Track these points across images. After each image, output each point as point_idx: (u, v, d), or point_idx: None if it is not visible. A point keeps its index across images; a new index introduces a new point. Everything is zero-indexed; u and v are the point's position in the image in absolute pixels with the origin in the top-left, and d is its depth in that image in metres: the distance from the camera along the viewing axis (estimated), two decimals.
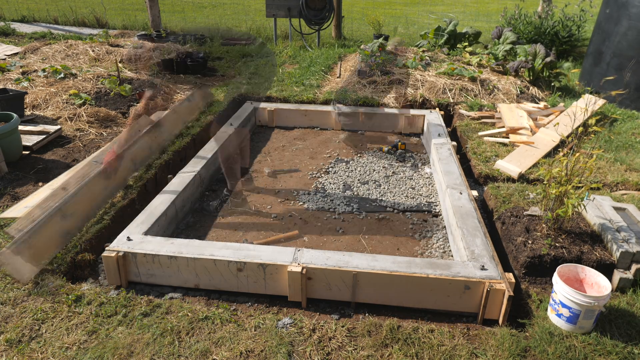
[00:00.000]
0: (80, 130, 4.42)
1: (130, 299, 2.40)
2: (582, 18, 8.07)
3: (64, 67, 5.61)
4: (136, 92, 5.16)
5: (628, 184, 3.56)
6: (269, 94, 5.52)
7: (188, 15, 11.59)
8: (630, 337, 2.18)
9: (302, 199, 3.56)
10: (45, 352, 2.06)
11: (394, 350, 2.11)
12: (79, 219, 2.90)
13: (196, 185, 3.48)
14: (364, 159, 4.28)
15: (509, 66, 6.06)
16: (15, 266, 2.42)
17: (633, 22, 5.14)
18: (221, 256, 2.46)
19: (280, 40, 8.69)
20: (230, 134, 4.23)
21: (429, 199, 3.62)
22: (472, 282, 2.31)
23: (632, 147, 4.20)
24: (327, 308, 2.45)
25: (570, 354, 2.09)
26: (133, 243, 2.56)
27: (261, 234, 3.13)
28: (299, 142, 4.68)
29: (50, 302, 2.34)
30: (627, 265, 2.51)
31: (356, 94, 5.49)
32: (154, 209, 2.95)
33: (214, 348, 2.10)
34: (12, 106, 4.30)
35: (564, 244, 2.62)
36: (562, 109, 4.90)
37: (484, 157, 3.97)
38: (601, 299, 2.14)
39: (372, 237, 3.12)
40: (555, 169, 2.65)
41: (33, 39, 8.51)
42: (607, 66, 5.50)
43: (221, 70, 6.86)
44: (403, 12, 13.54)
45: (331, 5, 8.22)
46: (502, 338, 2.17)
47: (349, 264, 2.40)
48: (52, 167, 3.74)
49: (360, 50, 6.70)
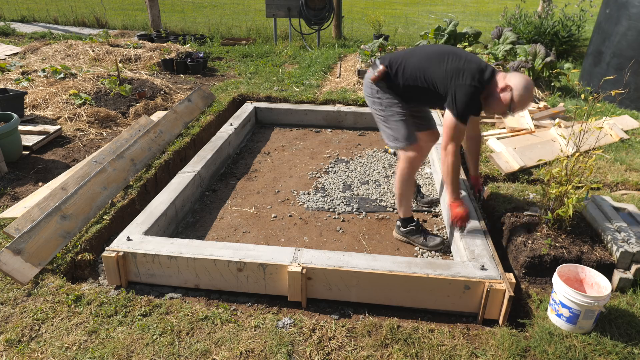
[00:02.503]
0: (80, 130, 4.42)
1: (130, 299, 2.40)
2: (582, 18, 8.07)
3: (64, 67, 5.61)
4: (136, 92, 5.16)
5: (628, 184, 3.56)
6: (269, 93, 5.52)
7: (188, 15, 11.59)
8: (630, 337, 2.18)
9: (302, 199, 3.56)
10: (45, 352, 2.06)
11: (394, 350, 2.11)
12: (78, 219, 2.90)
13: (196, 185, 3.49)
14: (364, 159, 4.28)
15: (509, 66, 6.05)
16: (15, 266, 2.42)
17: (633, 22, 5.14)
18: (221, 256, 2.46)
19: (280, 40, 8.69)
20: (230, 133, 4.23)
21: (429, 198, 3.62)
22: (472, 282, 2.31)
23: (632, 147, 4.20)
24: (327, 308, 2.45)
25: (570, 354, 2.09)
26: (133, 243, 2.56)
27: (261, 233, 3.14)
28: (299, 142, 4.68)
29: (50, 302, 2.34)
30: (627, 265, 2.51)
31: (356, 94, 5.49)
32: (154, 209, 2.95)
33: (214, 348, 2.10)
34: (12, 106, 4.30)
35: (564, 244, 2.62)
36: (562, 109, 4.90)
37: (484, 157, 3.97)
38: (601, 299, 2.14)
39: (372, 237, 3.12)
40: (555, 169, 2.65)
41: (33, 39, 8.51)
42: (607, 66, 5.50)
43: (221, 70, 6.86)
44: (403, 12, 13.54)
45: (331, 5, 8.22)
46: (502, 338, 2.17)
47: (349, 264, 2.40)
48: (52, 167, 3.74)
49: (360, 50, 6.70)
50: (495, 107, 2.58)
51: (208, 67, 6.94)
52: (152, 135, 3.96)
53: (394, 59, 2.78)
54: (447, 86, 2.58)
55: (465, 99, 2.51)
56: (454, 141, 2.57)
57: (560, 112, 4.86)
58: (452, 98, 2.54)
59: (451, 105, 2.55)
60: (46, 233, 2.64)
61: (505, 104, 2.52)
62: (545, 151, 3.97)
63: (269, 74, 6.49)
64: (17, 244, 2.49)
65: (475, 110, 2.62)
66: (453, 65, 2.57)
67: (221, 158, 4.03)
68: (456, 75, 2.54)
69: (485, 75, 2.54)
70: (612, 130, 4.38)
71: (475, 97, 2.54)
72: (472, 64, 2.56)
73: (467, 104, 2.52)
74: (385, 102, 2.82)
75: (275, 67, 6.87)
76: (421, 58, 2.71)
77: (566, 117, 4.86)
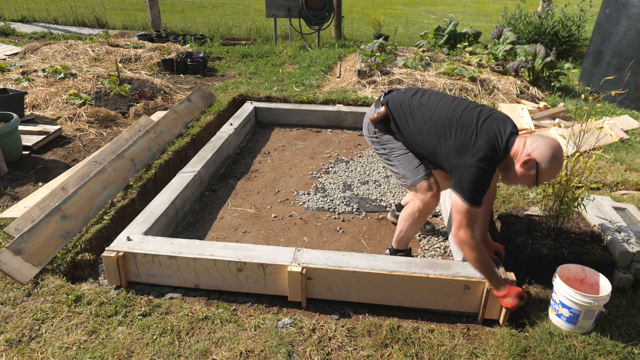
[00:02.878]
0: (80, 130, 4.42)
1: (130, 299, 2.40)
2: (582, 18, 8.07)
3: (64, 67, 5.61)
4: (136, 92, 5.16)
5: (628, 184, 3.56)
6: (269, 93, 5.52)
7: (188, 15, 11.59)
8: (630, 337, 2.18)
9: (302, 199, 3.56)
10: (45, 352, 2.06)
11: (394, 350, 2.11)
12: (78, 219, 2.90)
13: (196, 185, 3.49)
14: (364, 159, 4.28)
15: (508, 66, 6.06)
16: (15, 266, 2.42)
17: (633, 22, 5.14)
18: (221, 256, 2.45)
19: (280, 40, 8.69)
20: (230, 134, 4.23)
21: None
22: (472, 282, 2.31)
23: (632, 147, 4.20)
24: (327, 308, 2.45)
25: (570, 354, 2.09)
26: (133, 243, 2.56)
27: (261, 233, 3.13)
28: (299, 142, 4.68)
29: (50, 302, 2.34)
30: (627, 265, 2.51)
31: (356, 94, 5.49)
32: (154, 209, 2.95)
33: (214, 348, 2.10)
34: (12, 106, 4.30)
35: (564, 244, 2.62)
36: (562, 109, 4.91)
37: None
38: (601, 299, 2.14)
39: (372, 237, 3.12)
40: None
41: (33, 39, 8.51)
42: (607, 66, 5.51)
43: (221, 70, 6.86)
44: (403, 12, 13.54)
45: (331, 5, 8.22)
46: (502, 338, 2.17)
47: (349, 264, 2.40)
48: (52, 167, 3.74)
49: (360, 50, 6.70)
50: (518, 181, 2.19)
51: (208, 67, 6.94)
52: (152, 135, 3.96)
53: (396, 108, 2.48)
54: (450, 163, 2.24)
55: (474, 181, 2.12)
56: (469, 228, 2.15)
57: (560, 112, 4.86)
58: (457, 180, 2.17)
59: (458, 188, 2.16)
60: (46, 233, 2.64)
61: (529, 180, 2.13)
62: None
63: (269, 74, 6.49)
64: (17, 244, 2.49)
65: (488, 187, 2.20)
66: (458, 141, 2.19)
67: (221, 158, 4.03)
68: (460, 153, 2.17)
69: (499, 152, 2.14)
70: (612, 130, 4.38)
71: (485, 179, 2.13)
72: (482, 139, 2.14)
73: (477, 187, 2.12)
74: (384, 139, 2.58)
75: (275, 67, 6.87)
76: (426, 121, 2.36)
77: (566, 117, 4.86)
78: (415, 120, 2.42)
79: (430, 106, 2.39)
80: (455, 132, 2.23)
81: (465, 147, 2.17)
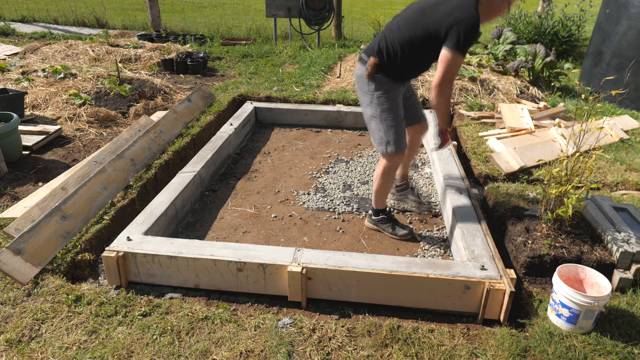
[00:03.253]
0: (80, 130, 4.42)
1: (130, 299, 2.40)
2: (582, 18, 8.07)
3: (64, 67, 5.62)
4: (136, 92, 5.16)
5: (628, 184, 3.56)
6: (269, 93, 5.52)
7: (188, 15, 11.59)
8: (630, 337, 2.18)
9: (302, 199, 3.56)
10: (45, 352, 2.06)
11: (394, 350, 2.11)
12: (78, 219, 2.89)
13: (196, 185, 3.49)
14: (364, 159, 4.28)
15: (508, 66, 6.06)
16: (15, 266, 2.42)
17: (633, 22, 5.14)
18: (221, 256, 2.45)
19: (280, 40, 8.69)
20: (230, 133, 4.23)
21: (429, 198, 3.63)
22: (472, 282, 2.31)
23: (632, 147, 4.20)
24: (327, 308, 2.45)
25: (570, 354, 2.09)
26: (133, 243, 2.56)
27: (261, 233, 3.14)
28: (299, 142, 4.68)
29: (50, 302, 2.34)
30: (627, 265, 2.51)
31: (356, 94, 5.49)
32: (154, 209, 2.95)
33: (214, 348, 2.10)
34: (12, 106, 4.30)
35: (564, 244, 2.62)
36: (562, 109, 4.90)
37: (484, 157, 3.97)
38: (601, 299, 2.14)
39: (372, 237, 3.12)
40: (556, 169, 2.65)
41: (33, 39, 8.51)
42: (607, 66, 5.50)
43: (221, 70, 6.86)
44: None
45: (331, 5, 8.23)
46: (502, 338, 2.17)
47: (349, 264, 2.40)
48: (52, 167, 3.74)
49: (360, 50, 6.70)
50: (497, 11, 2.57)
51: (208, 67, 6.94)
52: (152, 135, 3.96)
53: (380, 44, 2.73)
54: (445, 25, 2.50)
55: (468, 28, 2.43)
56: (448, 76, 2.51)
57: (560, 112, 4.86)
58: (455, 32, 2.44)
59: (452, 39, 2.45)
60: (46, 233, 2.64)
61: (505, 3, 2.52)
62: (545, 151, 3.97)
63: (269, 74, 6.49)
64: (17, 244, 2.49)
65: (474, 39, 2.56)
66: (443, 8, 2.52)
67: (221, 158, 4.03)
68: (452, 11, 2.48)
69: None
70: (612, 130, 4.38)
71: (477, 25, 2.46)
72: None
73: (467, 37, 2.44)
74: (382, 100, 2.79)
75: (275, 67, 6.87)
76: (406, 22, 2.66)
77: (566, 117, 4.86)
78: (400, 31, 2.66)
79: (399, 17, 2.74)
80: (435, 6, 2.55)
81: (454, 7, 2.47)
